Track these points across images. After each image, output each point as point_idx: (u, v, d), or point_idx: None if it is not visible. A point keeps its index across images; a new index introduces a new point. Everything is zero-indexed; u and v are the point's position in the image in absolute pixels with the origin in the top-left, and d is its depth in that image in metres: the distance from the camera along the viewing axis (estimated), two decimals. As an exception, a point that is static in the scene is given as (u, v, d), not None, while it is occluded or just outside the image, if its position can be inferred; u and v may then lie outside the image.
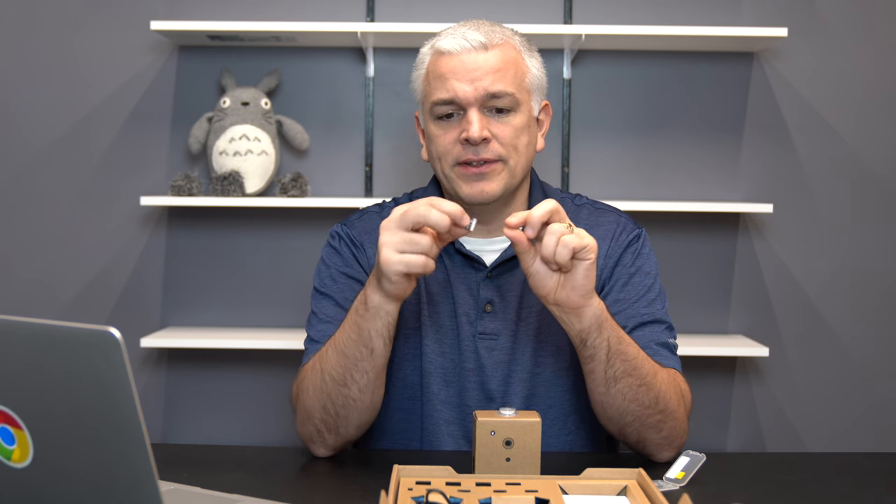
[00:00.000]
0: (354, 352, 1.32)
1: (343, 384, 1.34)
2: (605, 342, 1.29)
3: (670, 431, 1.37)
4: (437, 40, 1.47)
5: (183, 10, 2.37)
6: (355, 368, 1.33)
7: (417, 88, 1.50)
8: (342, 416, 1.36)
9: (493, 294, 1.46)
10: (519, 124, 1.43)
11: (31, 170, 2.40)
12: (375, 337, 1.31)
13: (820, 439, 2.42)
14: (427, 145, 1.49)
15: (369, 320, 1.30)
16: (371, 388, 1.35)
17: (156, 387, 2.43)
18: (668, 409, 1.35)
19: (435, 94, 1.43)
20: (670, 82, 2.40)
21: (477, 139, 1.39)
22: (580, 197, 1.58)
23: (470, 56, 1.42)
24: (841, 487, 1.29)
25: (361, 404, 1.36)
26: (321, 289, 1.49)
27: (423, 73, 1.48)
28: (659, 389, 1.34)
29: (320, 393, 1.36)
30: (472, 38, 1.42)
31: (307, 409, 1.38)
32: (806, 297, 2.42)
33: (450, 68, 1.42)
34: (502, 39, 1.44)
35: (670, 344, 1.45)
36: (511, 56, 1.44)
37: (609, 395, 1.33)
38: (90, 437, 0.81)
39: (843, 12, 2.39)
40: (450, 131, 1.43)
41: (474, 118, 1.40)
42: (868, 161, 2.41)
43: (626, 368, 1.31)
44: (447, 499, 1.06)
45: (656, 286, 1.48)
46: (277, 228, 2.41)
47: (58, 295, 2.42)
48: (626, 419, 1.35)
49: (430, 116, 1.45)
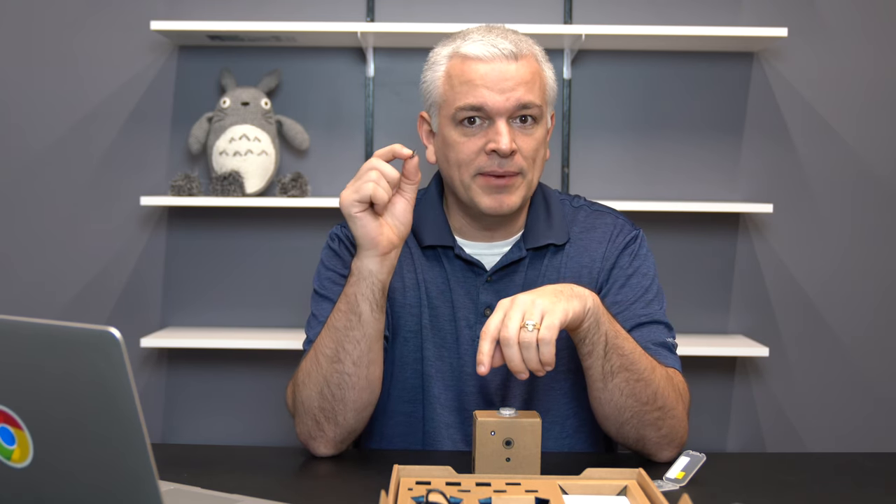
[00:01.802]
0: (344, 321, 1.33)
1: (336, 360, 1.34)
2: (602, 337, 1.29)
3: (670, 429, 1.36)
4: (460, 44, 1.43)
5: (183, 10, 2.37)
6: (346, 339, 1.33)
7: (433, 90, 1.46)
8: (339, 397, 1.35)
9: (492, 298, 1.46)
10: (540, 137, 1.43)
11: (31, 170, 2.40)
12: (361, 301, 1.32)
13: (820, 439, 2.42)
14: (441, 150, 1.46)
15: (354, 285, 1.33)
16: (365, 362, 1.35)
17: (156, 387, 2.43)
18: (666, 406, 1.35)
19: (461, 100, 1.40)
20: (670, 82, 2.40)
21: (507, 152, 1.38)
22: (578, 199, 1.58)
23: (501, 65, 1.39)
24: (841, 487, 1.29)
25: (357, 380, 1.35)
26: (320, 291, 1.49)
27: (441, 74, 1.44)
28: (657, 385, 1.34)
29: (316, 377, 1.36)
30: (502, 46, 1.40)
31: (304, 401, 1.38)
32: (806, 297, 2.42)
33: (480, 75, 1.39)
34: (528, 50, 1.43)
35: (669, 343, 1.45)
36: (536, 68, 1.43)
37: (606, 391, 1.33)
38: (90, 437, 0.81)
39: (843, 12, 2.39)
40: (473, 139, 1.41)
41: (504, 130, 1.38)
42: (868, 161, 2.41)
43: (623, 363, 1.31)
44: (447, 499, 1.06)
45: (654, 287, 1.48)
46: (277, 228, 2.41)
47: (58, 295, 2.42)
48: (623, 416, 1.34)
49: (450, 121, 1.42)
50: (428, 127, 1.50)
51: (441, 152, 1.47)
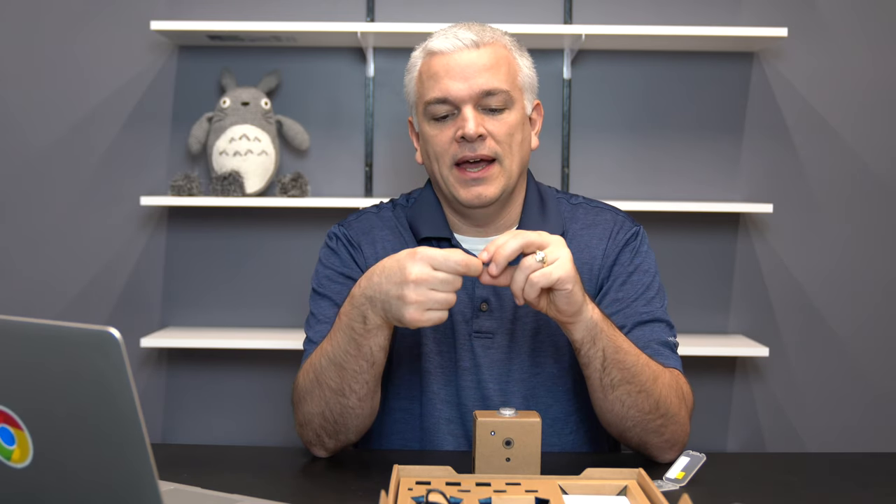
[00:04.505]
0: (354, 365, 1.31)
1: (342, 394, 1.34)
2: (599, 352, 1.30)
3: (672, 434, 1.37)
4: (428, 42, 1.48)
5: (183, 10, 2.37)
6: (355, 380, 1.32)
7: (410, 91, 1.52)
8: (341, 423, 1.36)
9: (488, 293, 1.46)
10: (513, 122, 1.44)
11: (31, 169, 2.40)
12: (377, 351, 1.30)
13: (820, 439, 2.42)
14: (422, 147, 1.50)
15: (370, 338, 1.29)
16: (370, 396, 1.35)
17: (156, 387, 2.43)
18: (669, 413, 1.35)
19: (428, 94, 1.44)
20: (670, 82, 2.40)
21: (473, 135, 1.40)
22: (576, 197, 1.58)
23: (462, 54, 1.43)
24: (841, 487, 1.29)
25: (361, 412, 1.36)
26: (319, 289, 1.49)
27: (415, 75, 1.50)
28: (659, 395, 1.34)
29: (319, 402, 1.35)
30: (463, 36, 1.44)
31: (306, 416, 1.38)
32: (806, 297, 2.42)
33: (443, 67, 1.43)
34: (493, 38, 1.46)
35: (671, 343, 1.45)
36: (502, 54, 1.45)
37: (607, 402, 1.34)
38: (90, 437, 0.81)
39: (843, 12, 2.39)
40: (445, 130, 1.44)
41: (469, 115, 1.41)
42: (868, 161, 2.41)
43: (623, 377, 1.31)
44: (447, 499, 1.06)
45: (655, 284, 1.48)
46: (277, 228, 2.41)
47: (58, 295, 2.42)
48: (625, 424, 1.35)
49: (424, 117, 1.46)
50: (414, 129, 1.55)
51: (423, 150, 1.50)
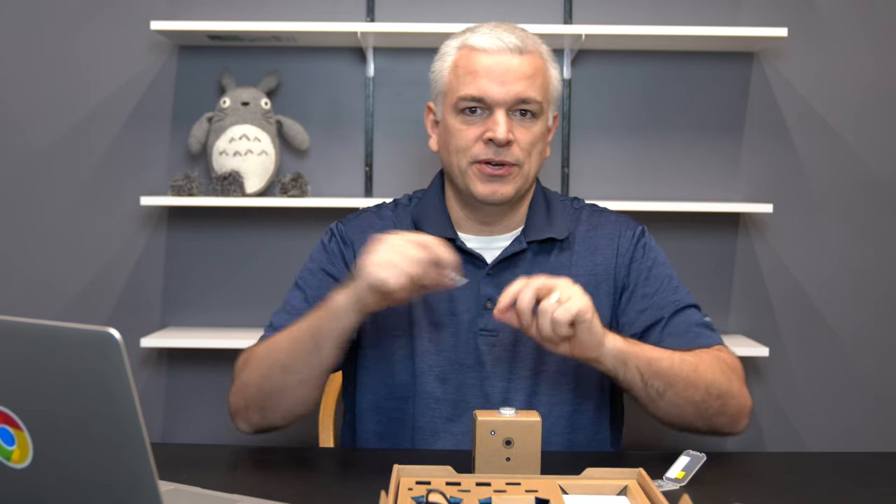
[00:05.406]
0: (307, 344, 1.35)
1: (285, 370, 1.37)
2: (634, 372, 1.34)
3: (735, 408, 1.41)
4: (468, 36, 1.47)
5: (183, 10, 2.37)
6: (302, 361, 1.36)
7: (440, 79, 1.50)
8: (272, 400, 1.40)
9: (493, 291, 1.46)
10: (538, 131, 1.46)
11: (31, 169, 2.40)
12: (327, 339, 1.34)
13: (820, 439, 2.42)
14: (443, 137, 1.50)
15: (329, 319, 1.33)
16: (311, 384, 1.38)
17: (156, 387, 2.43)
18: (722, 393, 1.39)
19: (463, 90, 1.44)
20: (670, 82, 2.40)
21: (502, 141, 1.41)
22: (578, 200, 1.60)
23: (504, 58, 1.43)
24: (841, 487, 1.29)
25: (296, 394, 1.39)
26: (298, 280, 1.54)
27: (448, 65, 1.48)
28: (708, 381, 1.37)
29: (262, 370, 1.39)
30: (507, 40, 1.44)
31: (244, 383, 1.42)
32: (806, 297, 2.42)
33: (483, 66, 1.43)
34: (534, 47, 1.46)
35: (707, 322, 1.50)
36: (540, 64, 1.46)
37: (661, 409, 1.39)
38: (90, 437, 0.81)
39: (843, 12, 2.39)
40: (472, 127, 1.44)
41: (501, 119, 1.42)
42: (868, 161, 2.41)
43: (665, 382, 1.35)
44: (447, 499, 1.06)
45: (673, 273, 1.53)
46: (277, 228, 2.41)
47: (58, 295, 2.42)
48: (687, 420, 1.40)
49: (451, 109, 1.46)
50: (433, 116, 1.54)
51: (442, 140, 1.50)
